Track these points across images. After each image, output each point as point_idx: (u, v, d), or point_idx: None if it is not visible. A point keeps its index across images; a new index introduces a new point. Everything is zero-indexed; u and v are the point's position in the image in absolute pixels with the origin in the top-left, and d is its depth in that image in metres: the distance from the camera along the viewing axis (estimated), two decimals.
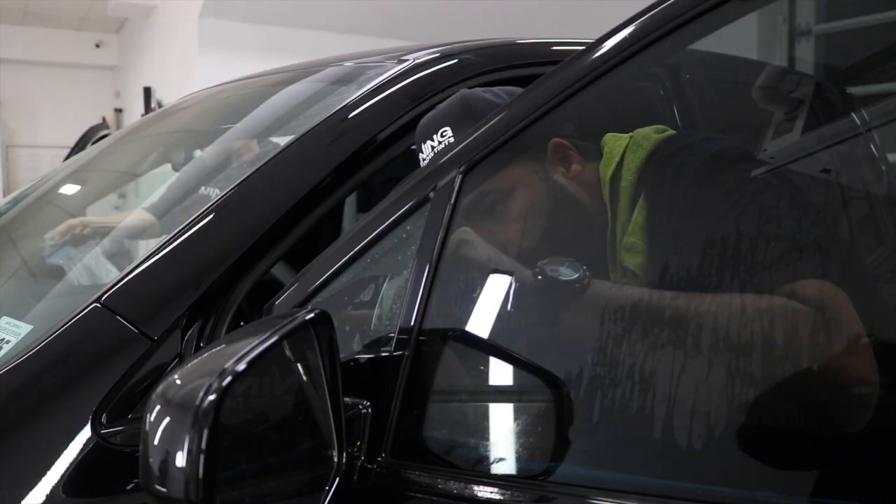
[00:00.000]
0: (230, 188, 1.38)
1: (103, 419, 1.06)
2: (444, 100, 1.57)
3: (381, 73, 1.60)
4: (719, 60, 1.54)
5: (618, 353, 0.87)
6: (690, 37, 0.89)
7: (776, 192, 0.93)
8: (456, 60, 1.63)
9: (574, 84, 0.90)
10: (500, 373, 0.96)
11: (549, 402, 0.91)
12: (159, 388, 0.72)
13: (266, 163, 1.43)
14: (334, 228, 2.94)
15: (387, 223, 1.02)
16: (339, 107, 1.54)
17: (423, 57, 1.65)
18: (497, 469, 0.94)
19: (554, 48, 1.74)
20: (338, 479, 0.88)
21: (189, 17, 7.79)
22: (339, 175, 1.45)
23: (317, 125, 1.49)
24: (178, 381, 0.72)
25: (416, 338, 0.95)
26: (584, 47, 0.95)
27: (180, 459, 0.64)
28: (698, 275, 0.90)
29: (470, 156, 0.96)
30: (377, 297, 1.04)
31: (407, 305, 0.96)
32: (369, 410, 0.95)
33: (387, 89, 1.57)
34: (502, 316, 0.97)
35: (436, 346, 0.96)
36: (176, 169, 2.02)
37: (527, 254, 1.08)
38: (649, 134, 1.09)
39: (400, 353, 0.95)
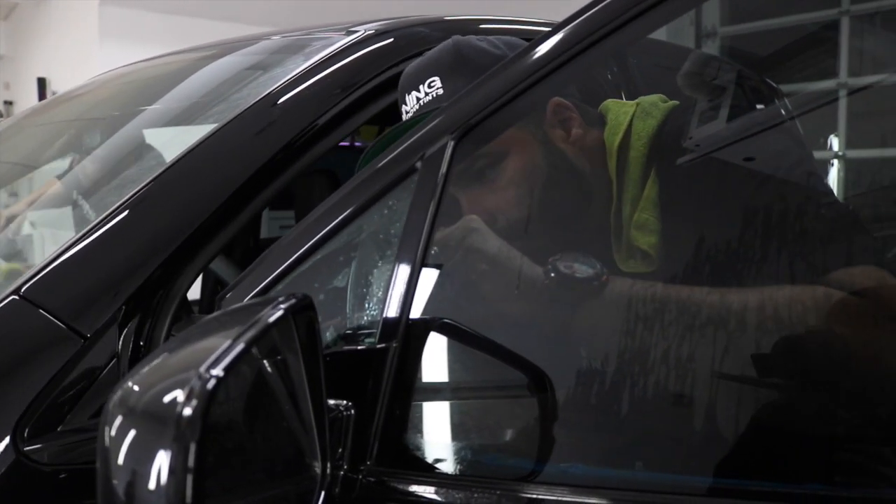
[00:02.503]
0: (166, 167, 1.23)
1: (26, 433, 0.90)
2: (396, 76, 1.47)
3: (329, 45, 1.47)
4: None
5: (639, 357, 0.78)
6: None
7: (814, 167, 0.86)
8: (410, 33, 1.51)
9: (589, 37, 0.79)
10: (499, 371, 0.84)
11: (552, 403, 0.81)
12: (116, 397, 0.58)
13: (201, 143, 1.29)
14: (251, 227, 2.77)
15: (365, 198, 0.89)
16: (282, 81, 1.40)
17: (373, 29, 1.52)
18: (494, 475, 0.83)
19: (514, 26, 1.65)
20: (323, 494, 0.75)
21: (89, 4, 7.38)
22: (284, 158, 1.32)
23: (259, 101, 1.36)
24: (138, 388, 0.58)
25: (405, 329, 0.83)
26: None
27: (157, 480, 0.50)
28: (722, 259, 0.82)
29: (464, 119, 0.84)
30: (356, 283, 0.92)
31: (393, 292, 0.84)
32: (352, 412, 0.82)
33: (334, 63, 1.45)
34: (503, 309, 0.86)
35: (427, 338, 0.84)
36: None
37: (518, 226, 0.98)
38: (657, 102, 1.00)
39: (385, 346, 0.83)
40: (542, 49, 0.82)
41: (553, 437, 0.80)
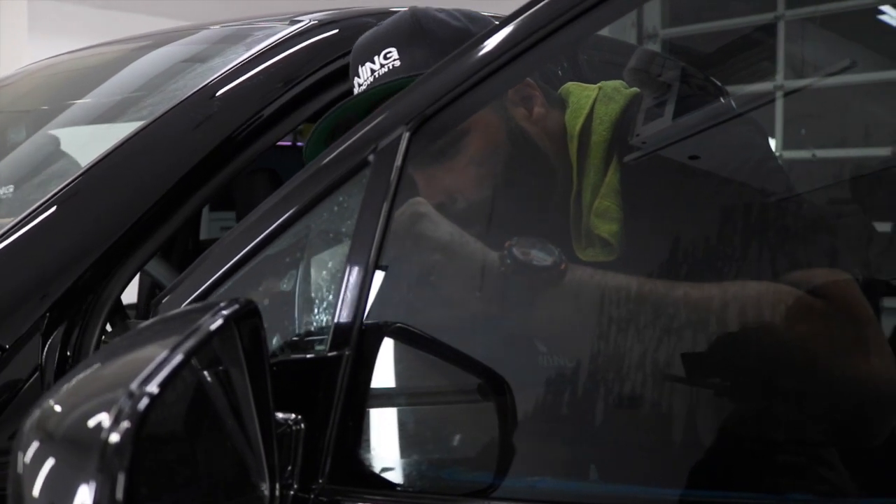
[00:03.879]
0: (94, 162, 1.15)
1: None
2: (341, 68, 1.41)
3: (271, 35, 1.40)
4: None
5: (609, 358, 0.73)
6: None
7: (778, 162, 0.84)
8: (357, 23, 1.45)
9: (550, 24, 0.74)
10: (461, 376, 0.79)
11: (518, 413, 0.76)
12: (33, 418, 0.51)
13: (133, 136, 1.21)
14: (190, 228, 2.66)
15: (313, 194, 0.82)
16: (220, 72, 1.33)
17: (317, 19, 1.46)
18: (456, 491, 0.77)
19: None
20: None
21: None
22: (224, 154, 1.25)
23: (196, 92, 1.28)
24: (60, 408, 0.51)
25: (358, 335, 0.77)
26: None
27: None
28: (684, 250, 0.78)
29: (420, 109, 0.78)
30: (304, 286, 0.85)
31: (345, 295, 0.78)
32: (301, 427, 0.76)
33: (277, 54, 1.38)
34: (463, 307, 0.81)
35: (382, 344, 0.78)
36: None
37: (476, 208, 0.93)
38: (619, 87, 0.96)
39: (337, 353, 0.77)
40: (502, 36, 0.77)
41: (520, 448, 0.75)
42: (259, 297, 0.85)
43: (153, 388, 0.48)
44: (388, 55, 1.07)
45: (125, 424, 0.45)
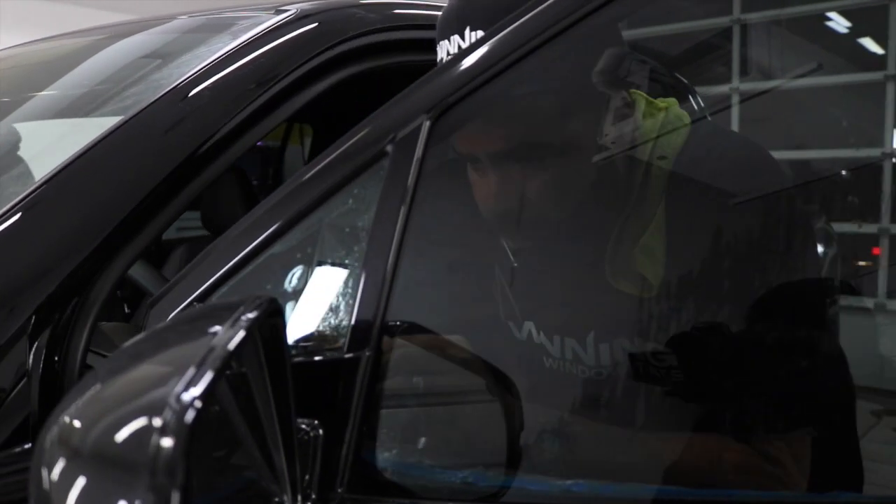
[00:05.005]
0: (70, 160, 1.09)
1: None
2: (333, 58, 1.36)
3: (257, 25, 1.35)
4: None
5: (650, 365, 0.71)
6: None
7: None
8: (342, 16, 1.40)
9: (583, 7, 0.71)
10: (488, 379, 0.75)
11: (550, 416, 0.73)
12: (53, 434, 0.46)
13: (112, 132, 1.15)
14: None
15: (326, 186, 0.78)
16: (204, 64, 1.28)
17: (299, 10, 1.41)
18: (484, 498, 0.74)
19: None
20: None
21: None
22: (210, 149, 1.21)
23: (177, 86, 1.22)
24: (79, 424, 0.47)
25: (378, 336, 0.72)
26: None
27: None
28: (716, 310, 0.75)
29: (442, 96, 0.74)
30: (316, 285, 0.81)
31: (363, 293, 0.73)
32: (319, 433, 0.71)
33: (259, 47, 1.33)
34: (494, 309, 0.77)
35: (404, 346, 0.74)
36: None
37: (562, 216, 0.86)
38: (682, 116, 0.90)
39: (356, 355, 0.72)
40: (533, 19, 0.73)
41: (549, 453, 0.72)
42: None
43: (198, 400, 0.44)
44: None
45: (174, 439, 0.40)
